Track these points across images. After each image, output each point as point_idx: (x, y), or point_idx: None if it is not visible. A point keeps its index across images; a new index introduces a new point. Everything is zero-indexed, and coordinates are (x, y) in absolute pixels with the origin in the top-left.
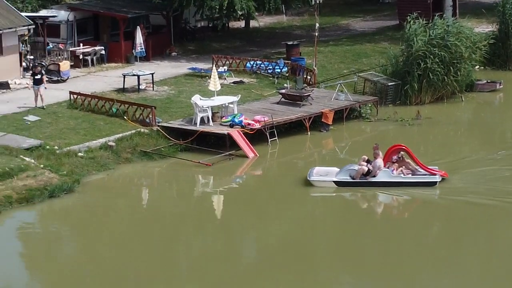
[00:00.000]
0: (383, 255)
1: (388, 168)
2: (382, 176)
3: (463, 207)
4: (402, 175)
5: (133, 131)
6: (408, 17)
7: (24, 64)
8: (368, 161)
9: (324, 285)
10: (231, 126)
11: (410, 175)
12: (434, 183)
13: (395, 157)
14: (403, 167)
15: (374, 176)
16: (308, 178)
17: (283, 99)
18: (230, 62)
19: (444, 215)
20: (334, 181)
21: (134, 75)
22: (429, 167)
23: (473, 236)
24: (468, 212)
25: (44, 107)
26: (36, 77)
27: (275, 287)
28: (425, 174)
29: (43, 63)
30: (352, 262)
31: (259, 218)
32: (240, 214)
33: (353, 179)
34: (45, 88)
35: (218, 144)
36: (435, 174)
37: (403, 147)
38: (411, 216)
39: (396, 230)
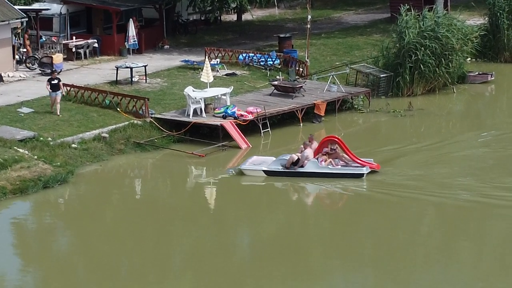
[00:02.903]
0: (378, 247)
1: (317, 159)
2: (310, 166)
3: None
4: (330, 166)
5: (127, 123)
6: (400, 8)
7: (17, 57)
8: None
9: (317, 275)
10: (224, 117)
11: (340, 166)
12: (361, 175)
13: (326, 149)
14: (336, 159)
15: (302, 167)
16: (239, 167)
17: (275, 91)
18: (223, 54)
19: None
20: (263, 170)
21: (127, 67)
22: (362, 159)
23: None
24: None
25: (60, 115)
26: (53, 82)
27: (268, 277)
28: (357, 166)
29: (36, 55)
30: (345, 253)
31: (252, 209)
32: (233, 205)
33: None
34: (63, 94)
35: (211, 135)
36: (364, 166)
37: (336, 139)
38: (342, 207)
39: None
